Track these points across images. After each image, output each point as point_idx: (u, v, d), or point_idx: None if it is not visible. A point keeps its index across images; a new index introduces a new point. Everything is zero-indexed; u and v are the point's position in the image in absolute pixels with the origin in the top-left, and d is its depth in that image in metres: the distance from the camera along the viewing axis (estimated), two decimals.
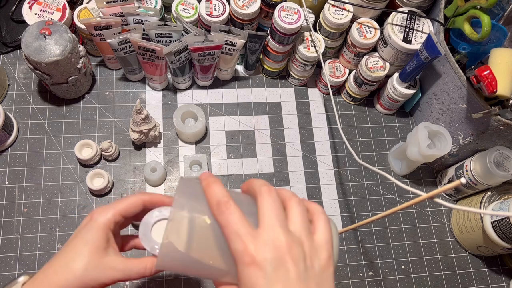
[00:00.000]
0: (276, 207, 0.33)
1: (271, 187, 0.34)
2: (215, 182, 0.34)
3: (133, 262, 0.39)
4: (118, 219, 0.39)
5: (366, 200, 0.74)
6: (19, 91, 0.73)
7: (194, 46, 0.65)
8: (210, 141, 0.74)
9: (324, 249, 0.33)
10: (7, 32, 0.75)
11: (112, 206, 0.39)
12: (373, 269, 0.70)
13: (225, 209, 0.32)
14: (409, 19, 0.67)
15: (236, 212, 0.32)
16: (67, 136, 0.71)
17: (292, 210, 0.34)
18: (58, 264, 0.37)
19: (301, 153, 0.75)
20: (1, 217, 0.65)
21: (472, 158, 0.68)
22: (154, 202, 0.41)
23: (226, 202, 0.33)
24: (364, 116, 0.80)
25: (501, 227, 0.62)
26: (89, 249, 0.37)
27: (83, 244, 0.37)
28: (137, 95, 0.76)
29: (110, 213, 0.38)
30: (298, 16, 0.65)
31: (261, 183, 0.34)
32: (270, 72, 0.78)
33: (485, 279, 0.72)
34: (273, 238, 0.31)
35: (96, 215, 0.38)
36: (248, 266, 0.30)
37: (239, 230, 0.31)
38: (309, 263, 0.31)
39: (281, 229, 0.31)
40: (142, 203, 0.40)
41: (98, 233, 0.38)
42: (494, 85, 0.54)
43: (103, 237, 0.38)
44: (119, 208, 0.39)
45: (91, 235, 0.38)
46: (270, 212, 0.32)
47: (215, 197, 0.33)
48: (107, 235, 0.38)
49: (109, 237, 0.38)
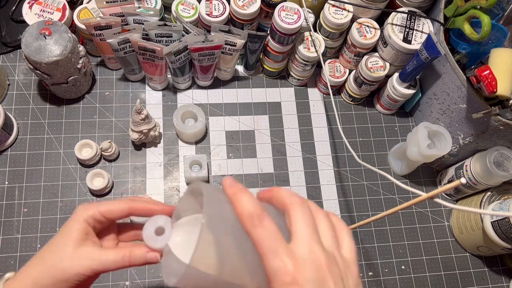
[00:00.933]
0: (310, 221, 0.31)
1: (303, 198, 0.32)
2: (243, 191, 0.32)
3: (109, 252, 0.38)
4: (99, 218, 0.39)
5: (366, 200, 0.74)
6: (19, 91, 0.73)
7: (194, 46, 0.65)
8: (210, 141, 0.74)
9: (353, 265, 0.32)
10: (7, 32, 0.75)
11: (96, 205, 0.39)
12: (373, 269, 0.70)
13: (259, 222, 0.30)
14: (409, 19, 0.67)
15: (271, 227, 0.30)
16: (67, 136, 0.71)
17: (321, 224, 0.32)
18: (37, 257, 0.38)
19: (301, 153, 0.75)
20: (1, 217, 0.65)
21: (472, 158, 0.68)
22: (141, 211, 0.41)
23: (259, 215, 0.30)
24: (364, 116, 0.80)
25: (501, 227, 0.62)
26: (65, 242, 0.38)
27: (60, 237, 0.38)
28: (137, 95, 0.76)
29: (91, 210, 0.39)
30: (298, 16, 0.65)
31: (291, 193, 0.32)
32: (270, 72, 0.78)
33: (485, 279, 0.72)
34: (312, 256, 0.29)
35: (77, 210, 0.39)
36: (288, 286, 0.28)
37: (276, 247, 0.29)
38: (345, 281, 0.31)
39: (318, 245, 0.30)
40: (127, 208, 0.40)
41: (74, 226, 0.38)
42: (494, 85, 0.54)
43: (81, 230, 0.38)
44: (101, 208, 0.39)
45: (68, 228, 0.38)
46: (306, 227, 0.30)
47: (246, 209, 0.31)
48: (86, 229, 0.38)
49: (88, 231, 0.39)
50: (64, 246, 0.38)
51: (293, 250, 0.29)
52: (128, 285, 0.64)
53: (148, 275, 0.64)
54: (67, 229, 0.38)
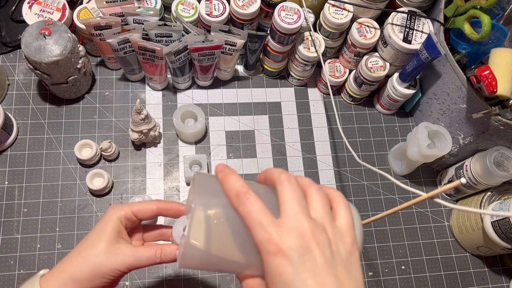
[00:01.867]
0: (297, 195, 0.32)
1: (290, 175, 0.33)
2: (232, 173, 0.34)
3: (142, 248, 0.41)
4: (130, 216, 0.42)
5: (366, 200, 0.74)
6: (19, 91, 0.73)
7: (194, 46, 0.65)
8: (210, 141, 0.74)
9: (348, 234, 0.32)
10: (7, 32, 0.75)
11: (128, 204, 0.42)
12: (373, 269, 0.70)
13: (245, 199, 0.32)
14: (409, 19, 0.67)
15: (256, 202, 0.31)
16: (67, 136, 0.71)
17: (313, 196, 0.33)
18: (73, 254, 0.40)
19: (301, 153, 0.75)
20: (1, 217, 0.65)
21: (472, 158, 0.68)
22: (169, 209, 0.43)
23: (246, 192, 0.32)
24: (364, 116, 0.80)
25: (501, 227, 0.61)
26: (100, 238, 0.40)
27: (95, 234, 0.40)
28: (137, 95, 0.76)
29: (123, 209, 0.41)
30: (298, 16, 0.65)
31: (279, 171, 0.34)
32: (270, 72, 0.78)
33: (485, 279, 0.72)
34: (296, 226, 0.30)
35: (109, 210, 0.42)
36: (274, 255, 0.30)
37: (262, 220, 0.31)
38: (334, 249, 0.31)
39: (303, 215, 0.31)
40: (157, 208, 0.43)
41: (109, 224, 0.40)
42: (494, 85, 0.54)
43: (114, 228, 0.40)
44: (132, 208, 0.42)
45: (102, 226, 0.40)
46: (291, 200, 0.32)
47: (233, 188, 0.33)
48: (118, 228, 0.41)
49: (120, 229, 0.41)
50: (100, 242, 0.40)
51: (279, 222, 0.31)
52: (128, 285, 0.64)
53: (148, 275, 0.64)
54: (102, 227, 0.40)
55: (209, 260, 0.33)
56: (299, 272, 0.29)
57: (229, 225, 0.33)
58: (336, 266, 0.30)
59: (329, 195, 0.35)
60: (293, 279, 0.29)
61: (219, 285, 0.65)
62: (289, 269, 0.29)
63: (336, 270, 0.30)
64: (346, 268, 0.31)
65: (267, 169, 0.35)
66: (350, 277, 0.31)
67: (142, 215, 0.42)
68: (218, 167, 0.35)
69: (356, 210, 0.36)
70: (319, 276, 0.29)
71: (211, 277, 0.66)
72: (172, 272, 0.65)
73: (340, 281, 0.30)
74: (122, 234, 0.41)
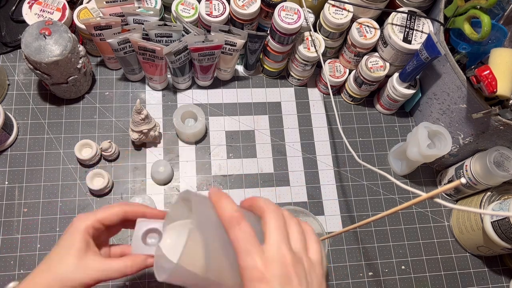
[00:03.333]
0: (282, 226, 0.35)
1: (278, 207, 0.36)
2: (226, 197, 0.36)
3: (112, 262, 0.41)
4: (97, 226, 0.42)
5: (366, 200, 0.74)
6: (19, 91, 0.73)
7: (194, 46, 0.65)
8: (210, 141, 0.74)
9: (319, 267, 0.36)
10: (7, 32, 0.75)
11: (93, 213, 0.42)
12: (373, 269, 0.70)
13: (237, 224, 0.33)
14: (409, 19, 0.67)
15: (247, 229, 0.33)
16: (67, 136, 0.71)
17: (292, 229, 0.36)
18: (42, 268, 0.40)
19: (301, 153, 0.75)
20: (1, 217, 0.65)
21: (472, 158, 0.68)
22: (135, 213, 0.43)
23: (238, 217, 0.34)
24: (364, 116, 0.80)
25: (501, 227, 0.61)
26: (69, 253, 0.40)
27: (64, 248, 0.40)
28: (137, 95, 0.76)
29: (89, 219, 0.41)
30: (298, 16, 0.65)
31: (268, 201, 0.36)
32: (270, 72, 0.78)
33: (485, 279, 0.72)
34: (280, 256, 0.33)
35: (76, 221, 0.41)
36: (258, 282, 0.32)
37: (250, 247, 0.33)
38: (309, 279, 0.34)
39: (286, 247, 0.34)
40: (123, 213, 0.43)
41: (77, 237, 0.40)
42: (494, 85, 0.54)
43: (82, 241, 0.40)
44: (98, 216, 0.42)
45: (70, 240, 0.40)
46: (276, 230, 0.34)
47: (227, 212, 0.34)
48: (86, 240, 0.41)
49: (88, 241, 0.41)
50: (69, 257, 0.40)
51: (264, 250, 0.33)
52: (128, 285, 0.64)
53: (148, 275, 0.64)
54: (69, 241, 0.41)
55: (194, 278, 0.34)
56: None
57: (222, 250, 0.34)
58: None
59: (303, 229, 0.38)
60: None
61: None
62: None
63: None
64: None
65: (251, 197, 0.38)
66: None
67: (109, 222, 0.43)
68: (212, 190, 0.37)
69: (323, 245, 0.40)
70: None
71: None
72: None
73: None
74: (90, 246, 0.41)
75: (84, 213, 0.42)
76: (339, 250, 0.70)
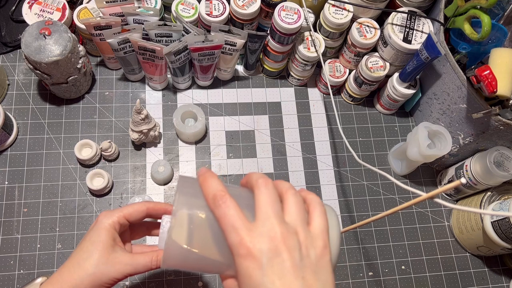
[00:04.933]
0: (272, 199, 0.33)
1: (268, 179, 0.34)
2: (212, 177, 0.35)
3: (139, 256, 0.42)
4: (122, 222, 0.43)
5: (366, 200, 0.74)
6: (19, 91, 0.73)
7: (194, 46, 0.65)
8: (210, 141, 0.74)
9: (319, 238, 0.33)
10: (7, 32, 0.75)
11: (118, 210, 0.43)
12: (373, 269, 0.70)
13: (222, 202, 0.33)
14: (409, 19, 0.67)
15: (232, 205, 0.32)
16: (67, 136, 0.71)
17: (288, 201, 0.34)
18: (71, 264, 0.41)
19: (301, 153, 0.75)
20: (1, 217, 0.65)
21: (472, 158, 0.68)
22: (157, 209, 0.45)
23: (222, 196, 0.33)
24: (364, 116, 0.80)
25: (501, 227, 0.61)
26: (97, 248, 0.41)
27: (92, 244, 0.41)
28: (137, 95, 0.76)
29: (115, 216, 0.42)
30: (298, 16, 0.65)
31: (258, 176, 0.35)
32: (270, 72, 0.78)
33: (485, 279, 0.72)
34: (267, 230, 0.31)
35: (102, 217, 0.42)
36: (244, 258, 0.31)
37: (235, 223, 0.32)
38: (304, 252, 0.32)
39: (276, 220, 0.32)
40: (146, 209, 0.44)
41: (104, 233, 0.41)
42: (494, 85, 0.54)
43: (110, 237, 0.41)
44: (123, 212, 0.43)
45: (98, 236, 0.41)
46: (266, 204, 0.33)
47: (211, 191, 0.34)
48: (113, 235, 0.42)
49: (115, 237, 0.42)
50: (98, 252, 0.41)
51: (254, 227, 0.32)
52: (128, 285, 0.64)
53: (148, 275, 0.64)
54: (96, 237, 0.41)
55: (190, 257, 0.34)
56: (267, 275, 0.30)
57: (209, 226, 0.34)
58: (304, 269, 0.31)
59: (307, 200, 0.36)
60: (261, 281, 0.30)
61: (218, 285, 0.65)
62: (258, 271, 0.30)
63: (304, 273, 0.31)
64: (315, 271, 0.31)
65: (248, 174, 0.36)
66: (318, 279, 0.31)
67: (133, 219, 0.44)
68: (200, 171, 0.36)
69: (336, 217, 0.37)
70: (286, 278, 0.30)
71: (211, 277, 0.66)
72: (172, 272, 0.65)
73: (307, 284, 0.30)
74: (117, 241, 0.42)
75: (109, 210, 0.43)
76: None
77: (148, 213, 0.44)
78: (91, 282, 0.40)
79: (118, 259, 0.41)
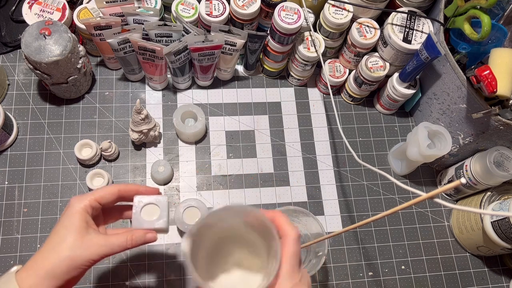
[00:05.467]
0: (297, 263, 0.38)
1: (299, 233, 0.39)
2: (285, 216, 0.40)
3: (113, 237, 0.43)
4: (94, 205, 0.43)
5: (366, 200, 0.74)
6: (19, 91, 0.73)
7: (194, 46, 0.65)
8: (210, 141, 0.74)
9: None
10: (7, 32, 0.75)
11: (89, 194, 0.44)
12: (373, 269, 0.70)
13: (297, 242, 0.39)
14: (409, 19, 0.67)
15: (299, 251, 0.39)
16: (67, 136, 0.71)
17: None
18: (45, 250, 0.41)
19: (301, 153, 0.75)
20: (1, 217, 0.65)
21: (472, 158, 0.68)
22: (128, 191, 0.46)
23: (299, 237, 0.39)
24: (364, 116, 0.80)
25: (501, 227, 0.61)
26: (71, 232, 0.41)
27: (65, 228, 0.42)
28: (137, 95, 0.76)
29: (86, 199, 0.43)
30: (298, 16, 0.65)
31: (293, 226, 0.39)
32: (270, 72, 0.78)
33: (485, 279, 0.72)
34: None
35: (74, 201, 0.43)
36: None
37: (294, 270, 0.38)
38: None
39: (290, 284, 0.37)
40: (117, 191, 0.45)
41: (77, 217, 0.42)
42: (494, 85, 0.54)
43: (82, 220, 0.42)
44: (95, 195, 0.44)
45: (70, 220, 0.42)
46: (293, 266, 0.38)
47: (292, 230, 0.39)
48: (86, 218, 0.42)
49: (88, 219, 0.43)
50: (72, 236, 0.41)
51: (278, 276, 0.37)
52: (128, 285, 0.64)
53: (148, 275, 0.64)
54: (69, 221, 0.42)
55: None
56: None
57: None
58: None
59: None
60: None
61: None
62: None
63: None
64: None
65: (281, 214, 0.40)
66: None
67: (105, 201, 0.44)
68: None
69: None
70: None
71: None
72: (172, 272, 0.65)
73: None
74: (90, 224, 0.43)
75: (81, 194, 0.44)
76: (339, 250, 0.70)
77: (120, 195, 0.45)
78: (67, 265, 0.40)
79: (92, 241, 0.41)
